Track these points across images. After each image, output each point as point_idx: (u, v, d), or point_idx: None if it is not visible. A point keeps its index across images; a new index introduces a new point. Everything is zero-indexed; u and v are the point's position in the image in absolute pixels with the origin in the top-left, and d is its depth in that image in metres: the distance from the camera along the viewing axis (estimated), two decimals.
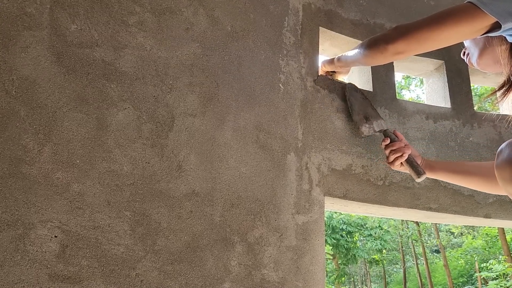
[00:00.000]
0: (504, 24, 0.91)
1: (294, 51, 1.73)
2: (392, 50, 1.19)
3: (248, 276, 1.37)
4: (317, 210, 1.58)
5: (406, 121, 1.89)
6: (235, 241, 1.38)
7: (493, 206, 1.90)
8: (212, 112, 1.46)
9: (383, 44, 1.21)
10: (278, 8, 1.74)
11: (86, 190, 1.19)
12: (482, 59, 1.12)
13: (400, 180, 1.79)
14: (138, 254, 1.21)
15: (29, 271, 1.07)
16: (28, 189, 1.12)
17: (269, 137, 1.56)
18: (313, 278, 1.49)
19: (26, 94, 1.17)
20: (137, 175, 1.27)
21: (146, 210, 1.26)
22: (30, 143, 1.15)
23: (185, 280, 1.26)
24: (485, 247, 17.28)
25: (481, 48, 1.11)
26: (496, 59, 1.06)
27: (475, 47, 1.15)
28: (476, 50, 1.14)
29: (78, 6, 1.30)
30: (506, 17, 0.90)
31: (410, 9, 2.08)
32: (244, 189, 1.44)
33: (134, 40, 1.38)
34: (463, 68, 2.09)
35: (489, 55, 1.09)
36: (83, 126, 1.23)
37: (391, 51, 1.20)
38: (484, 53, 1.11)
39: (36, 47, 1.21)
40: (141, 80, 1.36)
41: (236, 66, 1.56)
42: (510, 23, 0.90)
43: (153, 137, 1.33)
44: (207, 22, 1.54)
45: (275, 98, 1.62)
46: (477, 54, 1.13)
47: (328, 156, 1.68)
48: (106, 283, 1.15)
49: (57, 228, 1.13)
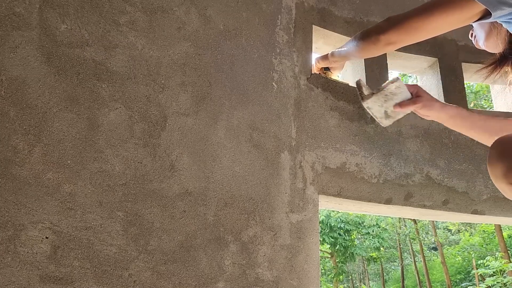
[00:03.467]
0: (494, 12, 0.91)
1: (287, 49, 1.72)
2: (384, 40, 1.20)
3: (242, 275, 1.36)
4: (311, 209, 1.58)
5: (400, 118, 1.89)
6: (229, 240, 1.37)
7: (487, 203, 1.90)
8: (205, 111, 1.46)
9: (375, 35, 1.22)
10: (271, 7, 1.73)
11: (78, 191, 1.18)
12: (488, 41, 1.12)
13: (394, 178, 1.80)
14: (131, 254, 1.21)
15: (20, 273, 1.06)
16: (18, 190, 1.11)
17: (262, 136, 1.55)
18: (308, 276, 1.49)
19: (16, 94, 1.16)
20: (129, 175, 1.27)
21: (139, 210, 1.25)
22: (20, 144, 1.14)
23: (178, 280, 1.26)
24: (482, 244, 17.35)
25: (487, 31, 1.11)
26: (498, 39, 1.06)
27: (481, 29, 1.15)
28: (482, 33, 1.14)
29: (68, 5, 1.29)
30: (496, 5, 0.90)
31: (403, 6, 2.08)
32: (237, 188, 1.44)
33: (125, 39, 1.37)
34: (456, 65, 2.09)
35: (495, 36, 1.08)
36: (74, 126, 1.22)
37: (383, 42, 1.21)
38: (490, 35, 1.11)
39: (26, 47, 1.20)
40: (132, 80, 1.35)
41: (229, 65, 1.56)
42: (500, 11, 0.90)
43: (145, 136, 1.32)
44: (199, 21, 1.53)
45: (268, 97, 1.61)
46: (484, 37, 1.13)
47: (322, 154, 1.68)
48: (99, 284, 1.14)
49: (48, 229, 1.12)
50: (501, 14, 0.92)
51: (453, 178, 1.89)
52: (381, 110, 1.49)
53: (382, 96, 1.45)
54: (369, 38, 1.25)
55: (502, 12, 0.91)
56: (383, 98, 1.45)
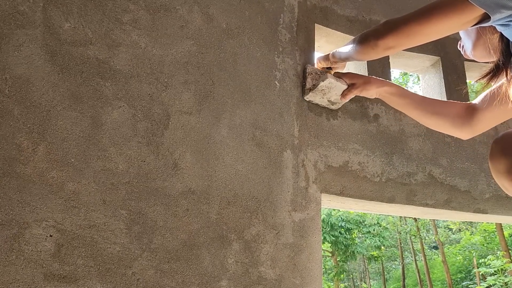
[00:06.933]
0: (493, 15, 0.90)
1: (290, 48, 1.72)
2: (382, 45, 1.20)
3: (245, 273, 1.37)
4: (313, 207, 1.58)
5: (402, 118, 1.89)
6: (232, 239, 1.38)
7: (489, 202, 1.90)
8: (208, 110, 1.46)
9: (373, 40, 1.22)
10: (274, 5, 1.73)
11: (81, 189, 1.18)
12: (476, 50, 1.12)
13: (397, 177, 1.80)
14: (134, 252, 1.21)
15: (24, 271, 1.06)
16: (22, 188, 1.11)
17: (265, 134, 1.55)
18: (310, 275, 1.49)
19: (20, 93, 1.17)
20: (133, 173, 1.27)
21: (142, 209, 1.26)
22: (24, 142, 1.14)
23: (181, 278, 1.26)
24: (483, 243, 17.34)
25: (474, 39, 1.11)
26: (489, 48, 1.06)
27: (468, 38, 1.14)
28: (469, 42, 1.13)
29: (72, 4, 1.29)
30: (495, 8, 0.89)
31: (406, 5, 2.08)
32: (240, 187, 1.44)
33: (129, 38, 1.37)
34: (459, 64, 2.09)
35: (483, 45, 1.08)
36: (78, 124, 1.23)
37: (382, 47, 1.20)
38: (477, 44, 1.10)
39: (29, 45, 1.20)
40: (136, 78, 1.35)
41: (231, 64, 1.56)
42: (498, 14, 0.89)
43: (149, 135, 1.33)
44: (202, 19, 1.53)
45: (271, 96, 1.61)
46: (471, 46, 1.13)
47: (325, 153, 1.68)
48: (102, 282, 1.15)
49: (52, 227, 1.12)
50: (500, 17, 0.91)
51: (455, 177, 1.89)
52: (323, 100, 1.68)
53: (318, 92, 1.63)
54: (367, 43, 1.25)
55: (500, 15, 0.90)
56: (320, 93, 1.64)
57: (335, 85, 1.58)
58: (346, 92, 1.59)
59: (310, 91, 1.64)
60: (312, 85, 1.63)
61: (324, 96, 1.64)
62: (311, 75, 1.65)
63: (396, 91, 1.49)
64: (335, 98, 1.64)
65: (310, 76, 1.65)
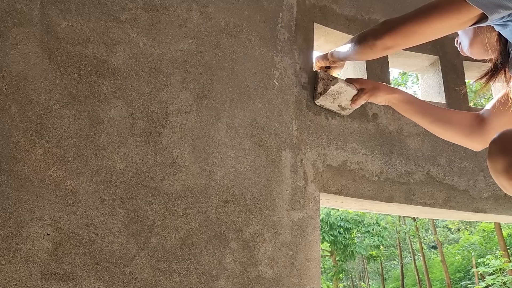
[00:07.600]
0: (491, 15, 0.90)
1: (289, 47, 1.72)
2: (381, 45, 1.20)
3: (244, 272, 1.36)
4: (312, 206, 1.58)
5: (401, 117, 1.89)
6: (230, 237, 1.37)
7: (488, 201, 1.90)
8: (206, 109, 1.45)
9: (372, 40, 1.22)
10: (272, 4, 1.73)
11: (79, 188, 1.18)
12: (473, 48, 1.12)
13: (395, 176, 1.80)
14: (132, 251, 1.21)
15: (22, 269, 1.06)
16: (19, 186, 1.11)
17: (263, 133, 1.55)
18: (309, 274, 1.49)
19: (17, 91, 1.16)
20: (131, 172, 1.27)
21: (140, 207, 1.25)
22: (21, 140, 1.14)
23: (180, 277, 1.26)
24: (482, 243, 17.36)
25: (471, 37, 1.12)
26: (487, 47, 1.06)
27: (465, 35, 1.15)
28: (467, 39, 1.14)
29: (69, 2, 1.29)
30: (492, 8, 0.89)
31: (404, 4, 2.07)
32: (239, 186, 1.44)
33: (127, 36, 1.36)
34: (458, 63, 2.09)
35: (480, 43, 1.08)
36: (75, 123, 1.22)
37: (380, 47, 1.21)
38: (474, 42, 1.11)
39: (27, 43, 1.20)
40: (134, 77, 1.35)
41: (230, 63, 1.55)
42: (496, 14, 0.89)
43: (147, 134, 1.32)
44: (201, 18, 1.53)
45: (269, 95, 1.61)
46: (468, 43, 1.14)
47: (323, 152, 1.68)
48: (100, 281, 1.14)
49: (50, 226, 1.12)
50: (497, 17, 0.91)
51: (454, 176, 1.89)
52: (333, 105, 1.69)
53: (329, 96, 1.64)
54: (366, 43, 1.25)
55: (498, 15, 0.90)
56: (330, 98, 1.65)
57: (345, 90, 1.59)
58: (356, 98, 1.60)
59: (321, 95, 1.65)
60: (323, 90, 1.65)
61: (335, 101, 1.66)
62: (323, 80, 1.66)
63: (406, 98, 1.47)
64: (345, 103, 1.65)
65: (322, 82, 1.66)
